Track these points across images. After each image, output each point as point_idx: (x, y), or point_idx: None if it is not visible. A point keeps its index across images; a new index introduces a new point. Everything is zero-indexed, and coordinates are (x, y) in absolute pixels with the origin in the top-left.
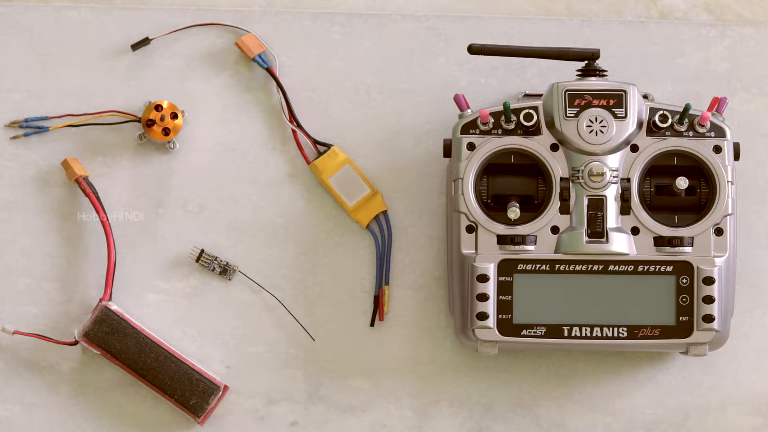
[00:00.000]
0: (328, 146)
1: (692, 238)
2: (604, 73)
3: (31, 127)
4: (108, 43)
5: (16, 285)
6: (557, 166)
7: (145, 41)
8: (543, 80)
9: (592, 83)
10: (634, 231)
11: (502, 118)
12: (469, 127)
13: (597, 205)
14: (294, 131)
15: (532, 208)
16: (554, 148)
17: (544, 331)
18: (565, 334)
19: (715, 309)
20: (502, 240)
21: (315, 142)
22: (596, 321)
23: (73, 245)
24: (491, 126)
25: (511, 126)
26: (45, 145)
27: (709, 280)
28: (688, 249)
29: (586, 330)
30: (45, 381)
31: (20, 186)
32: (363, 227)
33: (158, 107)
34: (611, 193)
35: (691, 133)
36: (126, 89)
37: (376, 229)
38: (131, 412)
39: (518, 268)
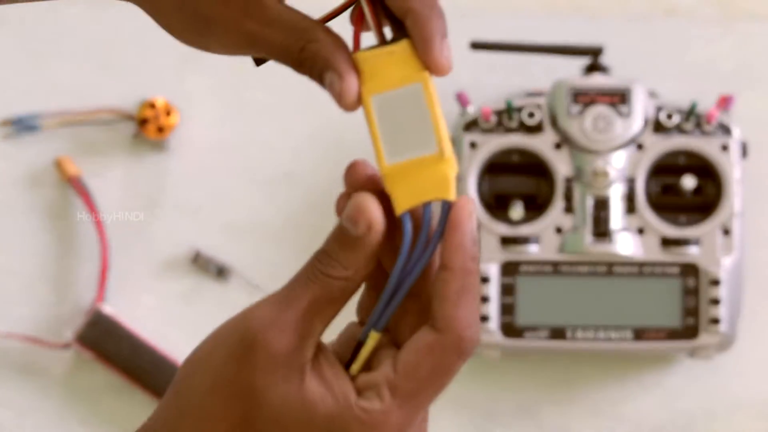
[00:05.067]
0: (397, 39)
1: (699, 238)
2: (609, 70)
3: (22, 126)
4: (102, 40)
5: (7, 286)
6: (561, 164)
7: None
8: (546, 78)
9: (597, 81)
10: (640, 231)
11: (505, 116)
12: (470, 126)
13: (601, 205)
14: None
15: (536, 207)
16: (558, 146)
17: (547, 333)
18: (569, 336)
19: (722, 311)
20: (505, 241)
21: (379, 26)
22: (600, 323)
23: (66, 246)
24: (493, 124)
25: (514, 124)
26: (37, 144)
27: (716, 282)
28: (694, 249)
29: (590, 332)
30: (37, 384)
31: (12, 186)
32: (396, 212)
33: (153, 105)
34: (616, 193)
35: (697, 132)
36: (120, 86)
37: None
38: (125, 417)
39: (521, 270)
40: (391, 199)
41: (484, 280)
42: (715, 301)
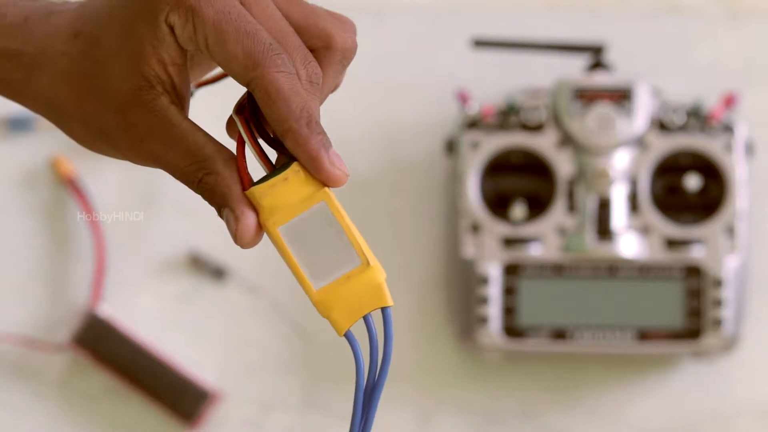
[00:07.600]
0: (286, 164)
1: (703, 238)
2: (612, 68)
3: (17, 126)
4: None
5: (2, 288)
6: (563, 164)
7: None
8: (548, 75)
9: (600, 78)
10: (643, 231)
11: (506, 114)
12: (472, 125)
13: (604, 205)
14: (240, 135)
15: (537, 208)
16: (560, 145)
17: (549, 335)
18: (571, 337)
19: (726, 312)
20: (506, 241)
21: (263, 154)
22: (603, 324)
23: (61, 247)
24: (495, 123)
25: (515, 123)
26: (32, 144)
27: (720, 283)
28: (698, 250)
29: (592, 333)
30: (32, 387)
31: (7, 186)
32: (339, 333)
33: None
34: (619, 193)
35: (702, 130)
36: None
37: (363, 337)
38: (121, 420)
39: (523, 271)
40: (331, 324)
41: (486, 281)
42: (720, 302)
